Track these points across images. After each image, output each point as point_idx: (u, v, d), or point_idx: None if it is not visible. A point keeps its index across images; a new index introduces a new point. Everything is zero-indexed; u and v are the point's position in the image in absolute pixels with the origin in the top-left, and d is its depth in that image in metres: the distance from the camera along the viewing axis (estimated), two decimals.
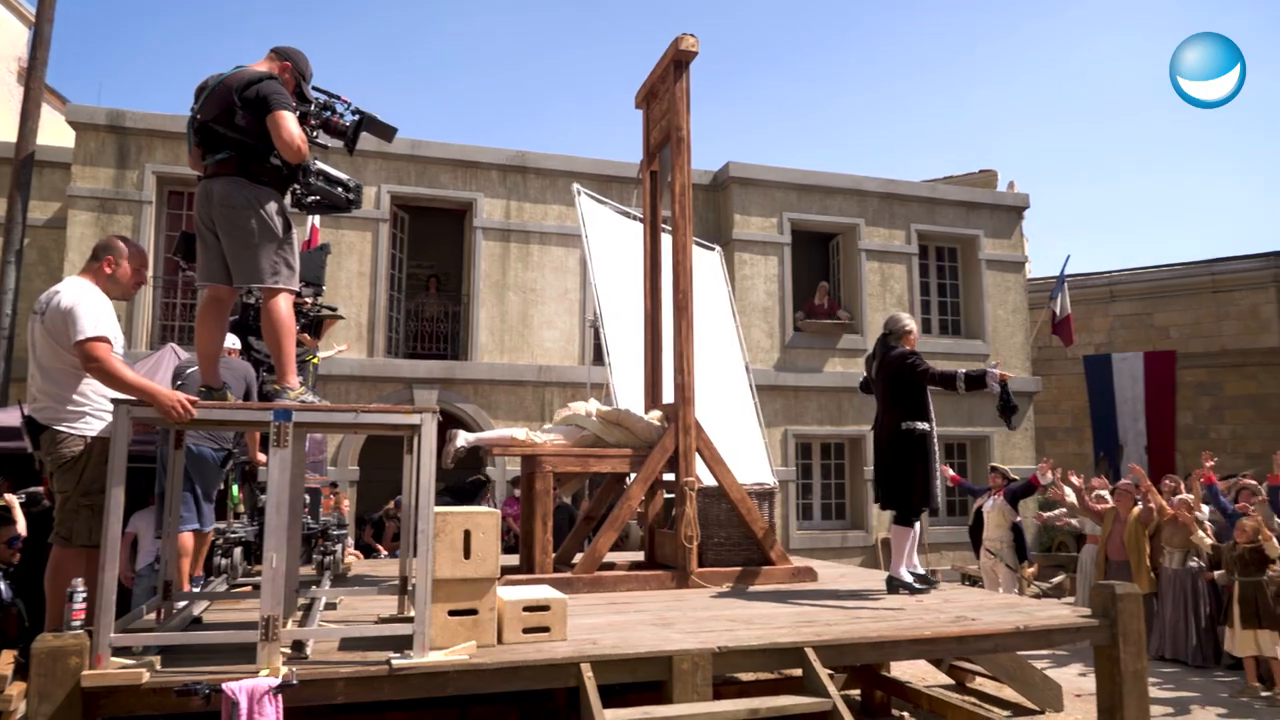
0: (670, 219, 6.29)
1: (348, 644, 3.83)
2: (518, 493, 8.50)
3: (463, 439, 5.98)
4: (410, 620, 3.62)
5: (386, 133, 4.08)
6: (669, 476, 6.14)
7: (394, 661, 3.45)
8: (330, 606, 4.78)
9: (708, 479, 6.23)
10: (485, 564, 3.84)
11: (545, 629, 3.97)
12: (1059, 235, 49.63)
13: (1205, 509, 8.63)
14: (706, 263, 10.55)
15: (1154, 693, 6.76)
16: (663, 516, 6.62)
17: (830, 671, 6.58)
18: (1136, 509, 8.63)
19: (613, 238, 9.05)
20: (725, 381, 9.60)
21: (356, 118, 4.06)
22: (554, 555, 6.30)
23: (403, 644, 3.59)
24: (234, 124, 3.74)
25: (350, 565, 6.86)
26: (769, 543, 6.11)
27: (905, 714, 6.62)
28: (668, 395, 6.44)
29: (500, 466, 12.28)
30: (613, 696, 3.93)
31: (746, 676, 6.56)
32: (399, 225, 13.09)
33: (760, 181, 13.85)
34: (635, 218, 8.92)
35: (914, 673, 7.32)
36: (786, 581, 5.99)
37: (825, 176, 14.25)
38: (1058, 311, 15.25)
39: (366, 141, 11.69)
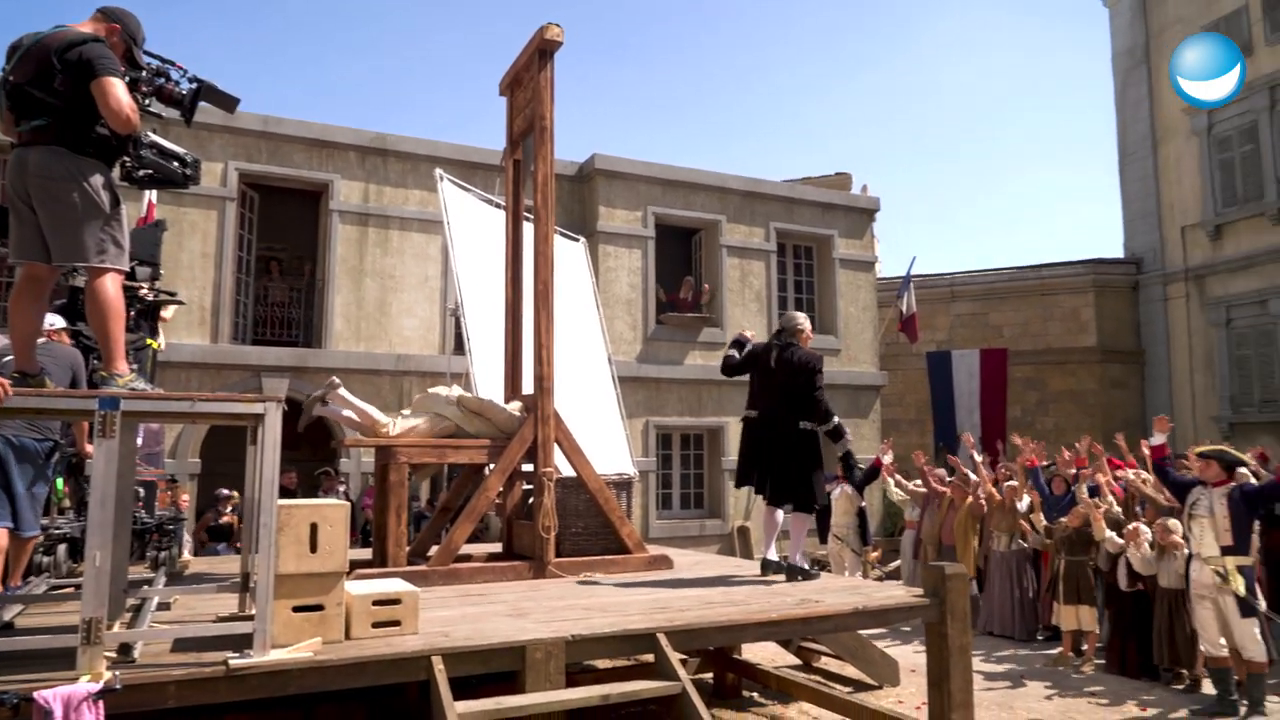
0: (533, 208, 6.26)
1: (182, 645, 3.63)
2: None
3: (335, 386, 5.80)
4: (251, 618, 3.46)
5: (228, 103, 3.86)
6: (528, 467, 6.13)
7: (231, 661, 3.30)
8: (164, 607, 4.51)
9: (567, 469, 6.25)
10: (333, 558, 3.72)
11: (396, 623, 3.89)
12: (907, 237, 52.41)
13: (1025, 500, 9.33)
14: (571, 254, 10.55)
15: (979, 665, 7.29)
16: (521, 507, 6.60)
17: (684, 656, 6.80)
18: (969, 500, 9.24)
19: (476, 225, 8.91)
20: (587, 372, 9.64)
21: (194, 86, 3.82)
22: (409, 548, 6.19)
23: (242, 643, 3.43)
24: (52, 88, 3.45)
25: (188, 564, 6.50)
26: (626, 532, 6.19)
27: (755, 694, 6.88)
28: (528, 386, 6.41)
29: (355, 458, 11.90)
30: (467, 689, 3.90)
31: (604, 664, 6.65)
32: (248, 205, 12.44)
33: (626, 175, 13.96)
34: (499, 206, 8.82)
35: (764, 655, 7.60)
36: (643, 569, 6.09)
37: (689, 173, 14.51)
38: (904, 310, 16.11)
39: (213, 115, 11.13)
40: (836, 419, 5.72)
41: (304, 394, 11.65)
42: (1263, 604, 6.28)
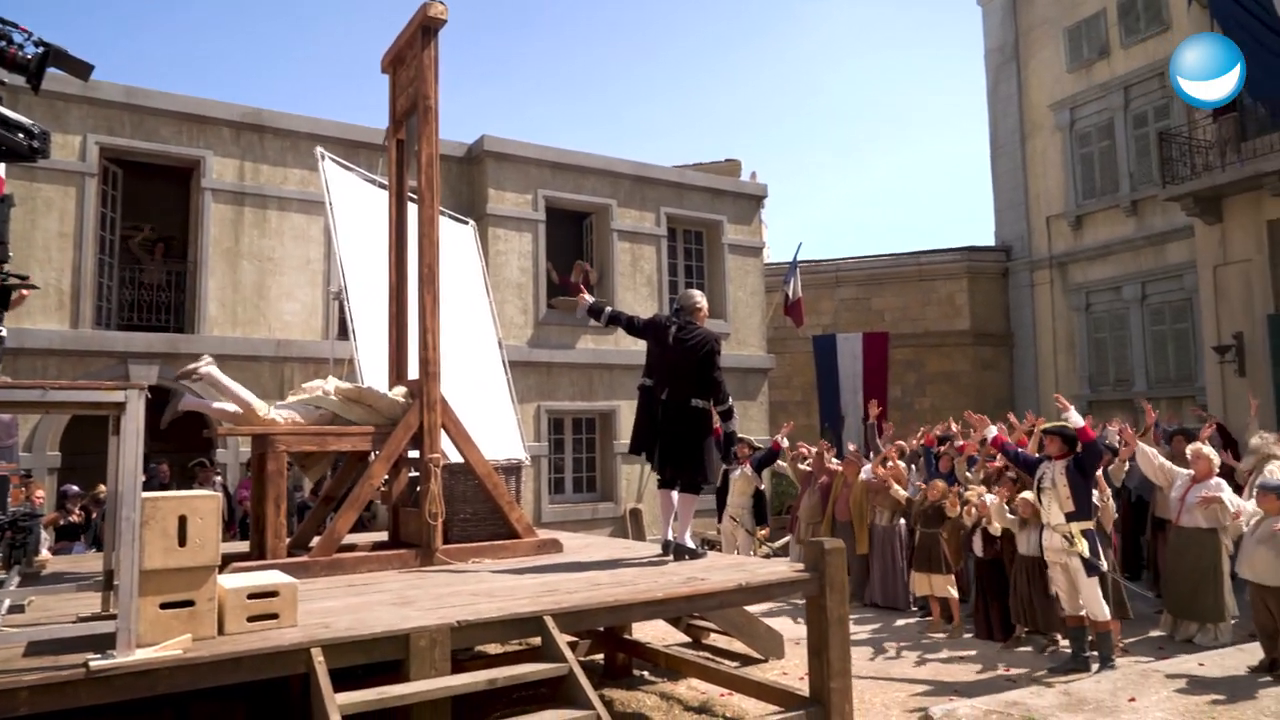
0: (417, 190, 6.12)
1: (37, 648, 3.42)
2: None
3: (207, 364, 5.49)
4: (114, 618, 3.30)
5: (80, 69, 3.62)
6: (414, 454, 6.02)
7: (92, 663, 3.13)
8: (17, 609, 4.24)
9: (455, 455, 6.18)
10: (204, 551, 3.58)
11: (273, 616, 3.78)
12: (794, 223, 53.73)
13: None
14: (460, 237, 10.37)
15: (859, 634, 7.61)
16: (408, 495, 6.48)
17: (574, 639, 6.84)
18: (862, 475, 9.59)
19: (359, 206, 8.65)
20: (477, 357, 9.52)
21: (40, 50, 3.55)
22: (290, 539, 6.00)
23: (105, 643, 3.27)
24: None
25: (46, 563, 6.12)
26: (515, 516, 6.16)
27: (645, 673, 6.98)
28: (414, 371, 6.29)
29: (233, 448, 11.43)
30: (354, 680, 3.82)
31: (494, 649, 6.62)
32: (111, 181, 11.71)
33: (516, 157, 13.79)
34: (384, 186, 8.58)
35: (655, 634, 7.72)
36: (532, 554, 6.08)
37: (580, 156, 14.46)
38: (790, 294, 16.52)
39: (71, 85, 10.41)
40: (731, 401, 5.84)
41: (175, 382, 11.11)
42: (1104, 564, 6.77)
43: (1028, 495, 7.32)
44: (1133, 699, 5.73)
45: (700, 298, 6.00)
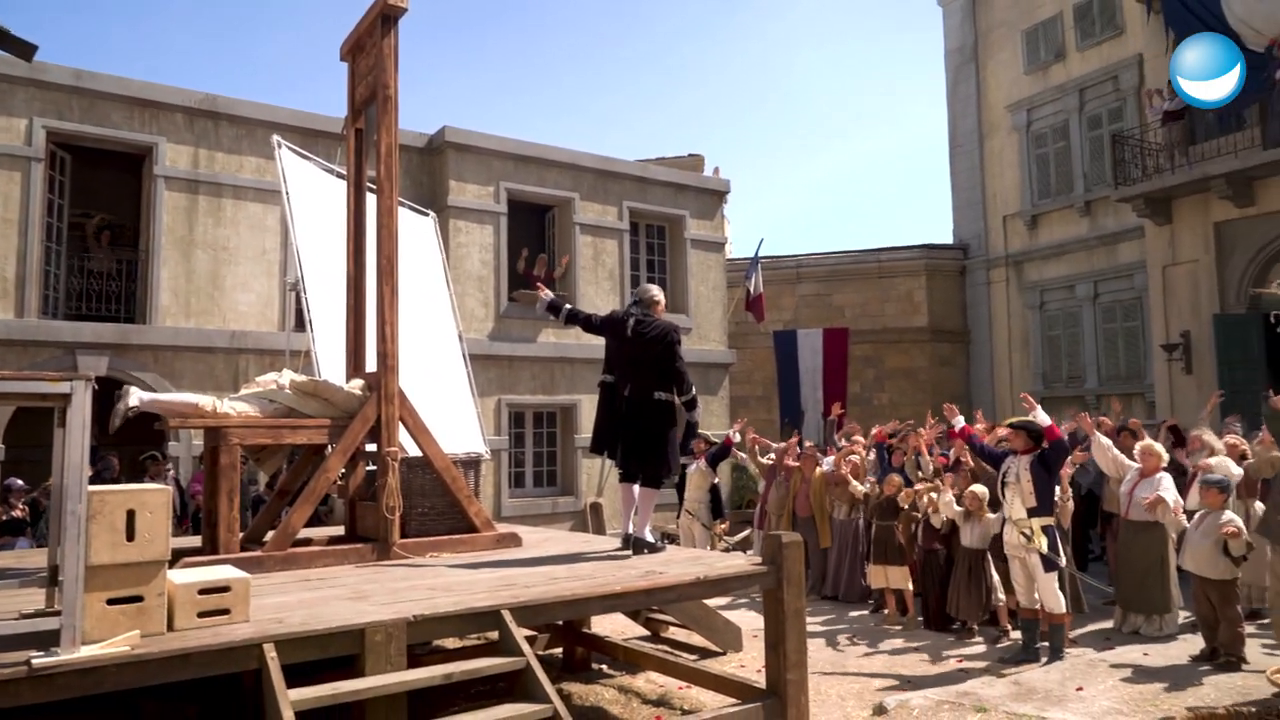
0: (376, 180, 6.04)
1: None
2: None
3: (135, 397, 5.36)
4: (59, 614, 3.22)
5: (24, 50, 3.53)
6: (372, 447, 5.95)
7: (35, 660, 3.06)
8: None
9: (413, 449, 6.12)
10: (153, 546, 3.52)
11: (225, 611, 3.72)
12: (755, 219, 53.98)
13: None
14: (420, 228, 10.26)
15: (816, 627, 7.69)
16: (365, 488, 6.41)
17: (533, 633, 6.83)
18: (820, 470, 9.68)
19: (317, 196, 8.51)
20: (436, 350, 9.43)
21: None
22: (244, 534, 5.91)
23: (49, 640, 3.19)
24: None
25: None
26: (474, 511, 6.12)
27: (603, 666, 6.99)
28: (372, 364, 6.22)
29: (186, 441, 11.22)
30: (307, 676, 3.78)
31: (453, 644, 6.59)
32: (58, 167, 11.40)
33: (477, 149, 13.68)
34: (342, 176, 8.46)
35: (614, 628, 7.74)
36: (491, 548, 6.05)
37: (543, 149, 14.38)
38: (752, 290, 16.61)
39: (16, 66, 10.13)
40: (695, 391, 5.84)
41: (126, 372, 10.88)
42: (1063, 560, 6.91)
43: (977, 489, 7.45)
44: (1080, 688, 5.86)
45: (658, 292, 5.99)
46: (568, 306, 6.06)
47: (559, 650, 7.17)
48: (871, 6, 58.32)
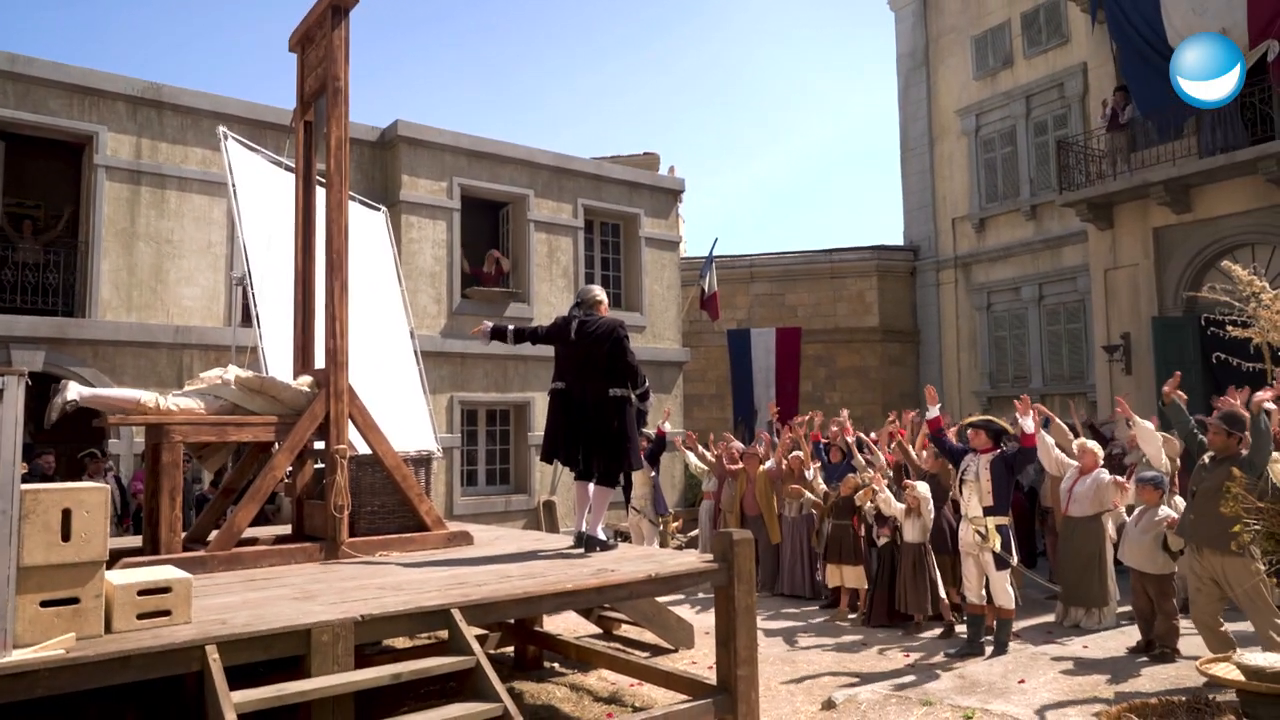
0: (325, 174, 5.95)
1: None
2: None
3: (74, 391, 5.20)
4: None
5: None
6: (319, 445, 5.86)
7: None
8: None
9: (363, 447, 6.04)
10: (90, 546, 3.42)
11: (166, 613, 3.63)
12: (709, 218, 54.22)
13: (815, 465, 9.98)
14: (371, 223, 10.13)
15: (766, 624, 7.75)
16: (313, 487, 6.30)
17: (484, 631, 6.78)
18: (764, 468, 9.76)
19: (265, 189, 8.36)
20: (388, 347, 9.33)
21: None
22: (186, 533, 5.78)
23: None
24: None
25: None
26: (425, 509, 6.06)
27: (555, 664, 6.97)
28: (320, 360, 6.12)
29: (127, 438, 10.93)
30: (253, 678, 3.71)
31: (402, 644, 6.52)
32: None
33: (430, 144, 13.54)
34: (291, 169, 8.31)
35: (566, 626, 7.73)
36: (442, 547, 5.99)
37: (497, 145, 14.28)
38: (706, 289, 16.69)
39: None
40: (648, 385, 5.84)
41: (64, 367, 10.57)
42: (1015, 559, 7.04)
43: (918, 486, 7.59)
44: (1022, 681, 6.00)
45: (600, 291, 5.94)
46: (511, 328, 6.02)
47: (510, 649, 7.13)
48: (826, 9, 59.00)
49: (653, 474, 10.41)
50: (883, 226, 69.91)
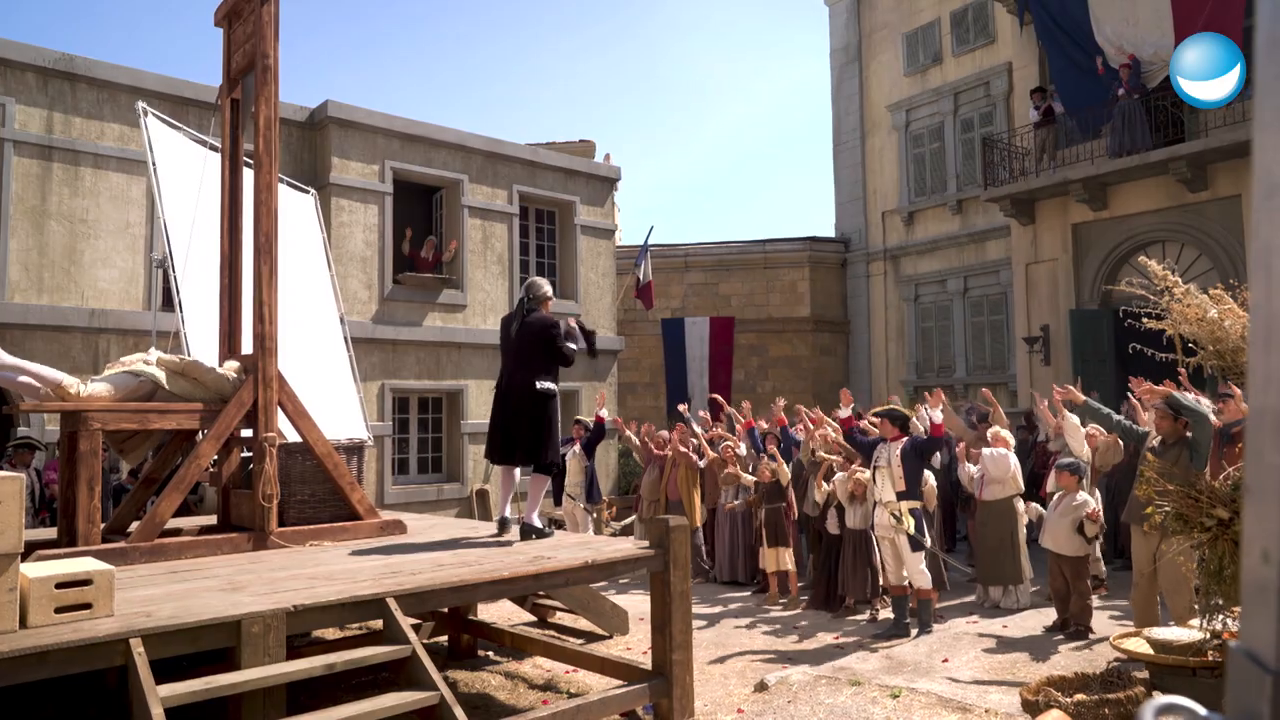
0: (254, 154, 5.78)
1: None
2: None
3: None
4: None
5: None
6: (247, 432, 5.72)
7: None
8: None
9: (292, 435, 5.91)
10: (3, 538, 3.28)
11: (86, 606, 3.51)
12: (645, 207, 54.30)
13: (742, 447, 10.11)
14: (300, 206, 9.88)
15: (701, 609, 7.84)
16: (239, 476, 6.15)
17: (417, 621, 6.72)
18: (686, 459, 9.84)
19: (188, 169, 8.08)
20: (317, 333, 9.13)
21: None
22: (105, 525, 5.58)
23: None
24: None
25: None
26: (357, 498, 5.97)
27: (490, 653, 6.95)
28: (247, 346, 5.96)
29: (38, 425, 10.47)
30: (181, 671, 3.61)
31: (332, 635, 6.41)
32: None
33: (362, 125, 13.23)
34: (215, 148, 8.05)
35: (500, 614, 7.69)
36: (375, 535, 5.91)
37: (431, 129, 14.03)
38: (641, 277, 16.72)
39: None
40: (575, 347, 5.89)
41: None
42: (929, 541, 7.28)
43: (861, 474, 7.75)
44: (946, 660, 6.20)
45: (548, 287, 5.99)
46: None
47: (444, 638, 7.08)
48: (761, 2, 59.45)
49: (587, 463, 10.43)
50: (815, 218, 70.91)
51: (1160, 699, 0.82)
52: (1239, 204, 12.48)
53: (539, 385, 5.65)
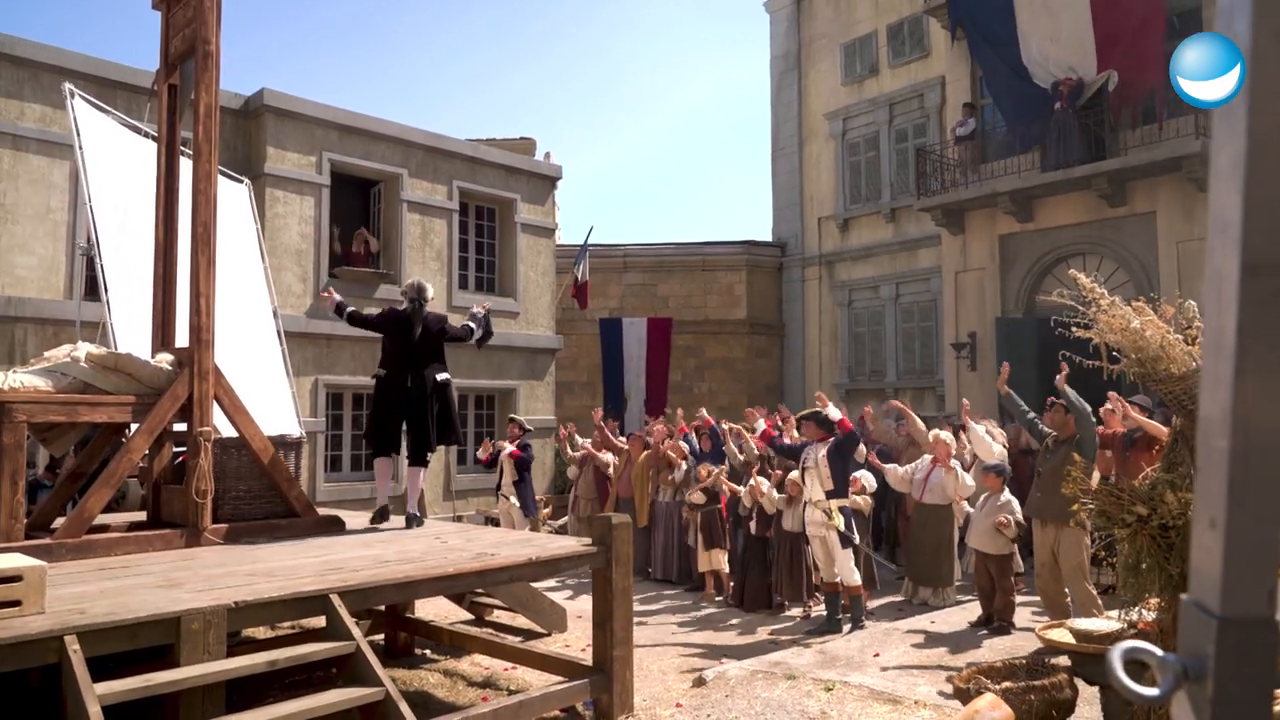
0: (193, 142, 5.64)
1: None
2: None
3: None
4: None
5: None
6: (180, 426, 5.58)
7: None
8: None
9: (226, 429, 5.79)
10: None
11: (16, 603, 3.39)
12: (584, 203, 54.26)
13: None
14: (233, 195, 9.62)
15: (640, 607, 7.91)
16: (171, 471, 5.99)
17: (354, 619, 6.63)
18: (645, 453, 9.91)
19: (117, 155, 7.82)
20: (249, 326, 8.92)
21: None
22: (28, 520, 5.38)
23: None
24: None
25: None
26: (295, 494, 5.87)
27: (427, 651, 6.90)
28: (182, 338, 5.82)
29: None
30: (108, 672, 3.51)
31: (262, 634, 6.29)
32: None
33: (299, 115, 12.96)
34: (147, 135, 7.81)
35: (437, 612, 7.64)
36: (313, 532, 5.83)
37: (370, 121, 13.82)
38: (579, 277, 16.74)
39: None
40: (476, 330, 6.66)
41: None
42: (857, 538, 7.48)
43: (795, 476, 7.92)
44: (877, 654, 6.38)
45: (430, 289, 6.64)
46: (350, 309, 6.69)
47: (380, 636, 7.00)
48: (703, 6, 59.94)
49: (516, 478, 10.41)
50: (752, 221, 71.84)
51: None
52: (1154, 220, 13.08)
53: (440, 378, 6.37)
